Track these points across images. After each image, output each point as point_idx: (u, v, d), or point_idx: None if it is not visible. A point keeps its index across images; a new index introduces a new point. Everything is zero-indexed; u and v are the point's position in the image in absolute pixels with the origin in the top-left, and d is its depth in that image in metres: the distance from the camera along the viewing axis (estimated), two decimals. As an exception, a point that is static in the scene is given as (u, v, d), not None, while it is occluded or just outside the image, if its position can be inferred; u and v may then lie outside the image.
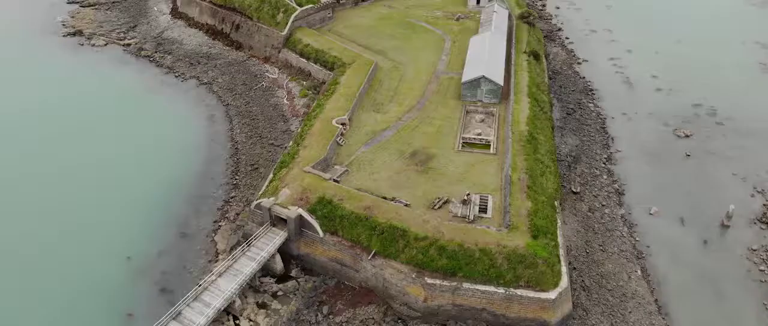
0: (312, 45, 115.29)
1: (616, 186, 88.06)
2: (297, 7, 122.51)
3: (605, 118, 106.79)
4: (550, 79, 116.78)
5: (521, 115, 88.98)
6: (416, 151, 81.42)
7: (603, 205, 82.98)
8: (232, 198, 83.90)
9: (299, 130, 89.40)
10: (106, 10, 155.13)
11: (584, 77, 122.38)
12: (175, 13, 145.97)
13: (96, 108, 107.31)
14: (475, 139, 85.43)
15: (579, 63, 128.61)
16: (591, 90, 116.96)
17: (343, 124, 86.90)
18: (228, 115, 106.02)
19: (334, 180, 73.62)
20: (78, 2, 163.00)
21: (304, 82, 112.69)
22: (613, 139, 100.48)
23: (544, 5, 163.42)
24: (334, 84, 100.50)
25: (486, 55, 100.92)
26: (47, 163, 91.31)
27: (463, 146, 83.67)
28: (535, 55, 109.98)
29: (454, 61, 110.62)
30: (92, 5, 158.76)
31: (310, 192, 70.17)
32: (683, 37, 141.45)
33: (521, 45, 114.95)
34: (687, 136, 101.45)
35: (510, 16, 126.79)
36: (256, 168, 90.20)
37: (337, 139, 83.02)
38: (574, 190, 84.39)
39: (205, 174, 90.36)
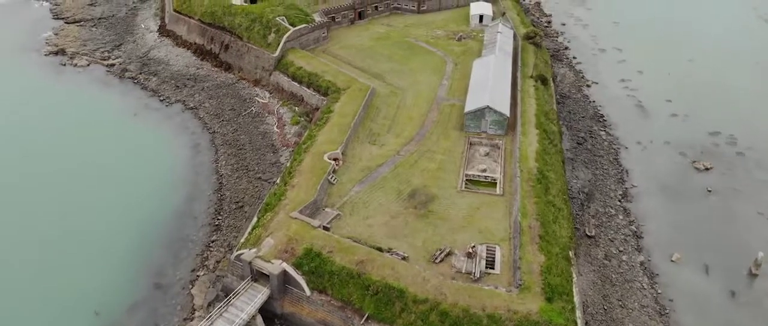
0: (305, 68, 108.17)
1: (633, 227, 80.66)
2: (289, 27, 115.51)
3: (618, 148, 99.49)
4: (558, 103, 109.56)
5: (529, 148, 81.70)
6: (415, 190, 74.02)
7: (620, 251, 75.54)
8: (213, 242, 76.52)
9: (288, 164, 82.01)
10: (92, 27, 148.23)
11: (594, 101, 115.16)
12: (163, 30, 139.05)
13: (72, 135, 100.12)
14: (479, 176, 78.13)
15: (588, 85, 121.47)
16: (602, 116, 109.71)
17: (335, 160, 79.58)
18: (213, 143, 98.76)
19: (324, 227, 66.25)
20: (64, 18, 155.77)
21: (297, 108, 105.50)
22: (627, 172, 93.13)
23: (549, 22, 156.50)
24: (327, 112, 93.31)
25: (490, 80, 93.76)
26: (11, 195, 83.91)
27: (466, 185, 76.27)
28: (543, 80, 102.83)
29: (456, 86, 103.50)
30: (78, 22, 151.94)
31: (296, 242, 62.75)
32: (695, 56, 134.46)
33: (528, 68, 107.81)
34: (707, 169, 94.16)
35: (515, 36, 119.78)
36: (241, 206, 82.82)
37: (329, 177, 75.66)
38: (589, 234, 76.96)
39: (186, 212, 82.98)
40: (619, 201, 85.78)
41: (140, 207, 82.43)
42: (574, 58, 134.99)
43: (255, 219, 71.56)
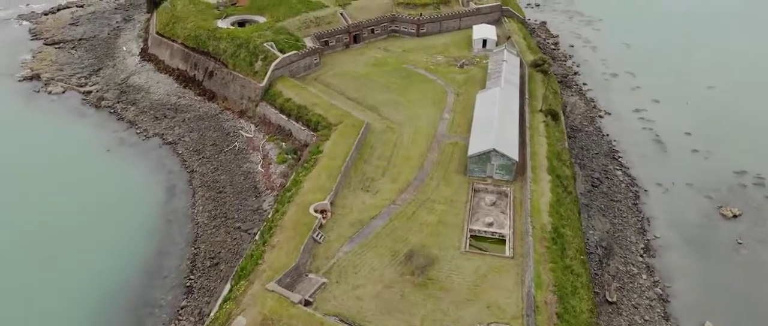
0: (294, 99, 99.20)
1: (658, 289, 71.36)
2: (278, 54, 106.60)
3: (637, 191, 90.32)
4: (569, 138, 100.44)
5: (542, 199, 72.45)
6: (413, 251, 64.64)
7: (646, 320, 66.38)
8: (183, 309, 67.35)
9: (269, 216, 72.61)
10: (71, 49, 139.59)
11: (608, 135, 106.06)
12: (145, 54, 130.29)
13: (34, 174, 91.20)
14: (486, 232, 68.71)
15: (601, 116, 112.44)
16: (617, 152, 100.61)
17: (322, 212, 70.28)
18: (191, 185, 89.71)
19: (306, 301, 56.87)
20: (43, 39, 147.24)
21: (284, 144, 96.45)
22: (648, 220, 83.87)
23: (556, 43, 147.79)
24: (315, 152, 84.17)
25: (496, 118, 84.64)
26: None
27: (471, 244, 66.89)
28: (553, 115, 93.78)
29: (458, 121, 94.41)
30: (57, 43, 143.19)
31: (272, 322, 53.15)
32: (714, 82, 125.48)
33: (536, 101, 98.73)
34: (735, 216, 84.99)
35: (522, 63, 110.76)
36: (217, 263, 73.62)
37: (314, 235, 66.32)
38: (610, 299, 67.68)
39: (155, 270, 73.93)
40: (642, 256, 76.47)
41: (104, 263, 73.44)
42: (585, 84, 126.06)
43: (228, 287, 62.20)
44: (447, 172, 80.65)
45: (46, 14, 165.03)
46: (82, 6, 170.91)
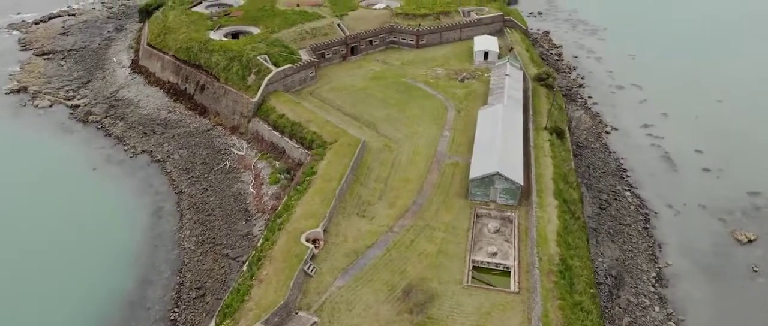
0: (288, 116, 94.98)
1: (672, 323, 66.97)
2: (272, 67, 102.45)
3: (647, 214, 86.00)
4: (574, 155, 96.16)
5: (548, 226, 68.13)
6: (411, 286, 60.41)
7: (661, 359, 61.44)
8: (164, 346, 62.46)
9: (258, 245, 68.17)
10: (61, 60, 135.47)
11: (615, 152, 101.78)
12: (136, 66, 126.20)
13: (17, 195, 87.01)
14: (489, 263, 64.34)
15: (607, 132, 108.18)
16: (625, 171, 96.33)
17: (315, 242, 65.95)
18: (179, 207, 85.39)
19: (296, 344, 52.29)
20: (32, 49, 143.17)
21: (277, 163, 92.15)
22: (660, 246, 79.58)
23: (559, 54, 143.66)
24: (309, 173, 79.87)
25: (499, 137, 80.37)
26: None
27: (473, 275, 62.59)
28: (559, 133, 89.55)
29: (459, 139, 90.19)
30: (46, 54, 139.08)
31: (258, 370, 48.75)
32: (723, 96, 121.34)
33: (540, 118, 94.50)
34: (750, 241, 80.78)
35: (525, 77, 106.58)
36: (203, 294, 69.37)
37: (305, 267, 61.95)
38: (622, 336, 62.97)
39: (138, 301, 69.75)
40: (653, 286, 72.23)
41: (83, 292, 69.50)
42: (590, 97, 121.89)
43: (212, 325, 57.66)
44: (447, 196, 76.35)
45: (36, 23, 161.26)
46: (74, 15, 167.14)
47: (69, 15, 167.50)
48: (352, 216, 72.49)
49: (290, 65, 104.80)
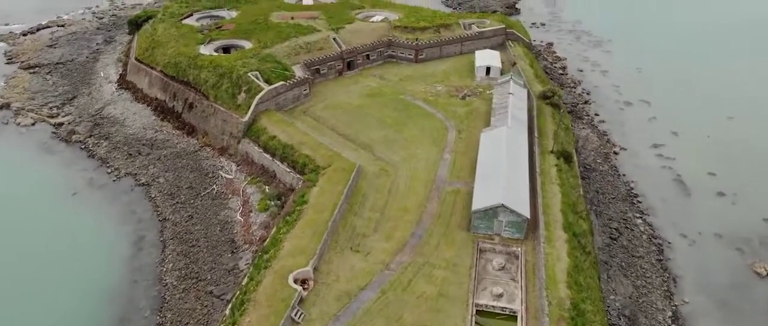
0: (279, 137, 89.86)
1: (692, 370, 61.23)
2: (263, 85, 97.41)
3: (661, 244, 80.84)
4: (582, 179, 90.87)
5: (558, 265, 62.97)
6: (408, 334, 54.79)
7: None
8: (138, 399, 57.07)
9: (243, 285, 62.82)
10: (46, 74, 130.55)
11: (624, 175, 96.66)
12: (123, 81, 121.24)
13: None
14: (494, 307, 59.02)
15: (616, 153, 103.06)
16: (636, 196, 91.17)
17: (303, 282, 60.62)
18: (162, 237, 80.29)
19: None
20: (18, 62, 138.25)
21: (267, 188, 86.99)
22: (675, 280, 74.50)
23: (564, 68, 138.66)
24: (300, 202, 74.68)
25: (503, 164, 75.20)
26: None
27: (477, 320, 57.37)
28: (566, 156, 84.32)
29: (460, 162, 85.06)
30: (32, 67, 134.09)
31: None
32: (735, 112, 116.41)
33: (546, 140, 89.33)
34: (771, 274, 75.23)
35: (529, 95, 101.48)
36: (183, 338, 63.56)
37: (293, 314, 56.66)
38: (639, 388, 57.53)
39: (113, 345, 63.71)
40: (671, 327, 66.58)
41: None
42: (596, 114, 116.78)
43: (189, 381, 52.28)
44: (448, 228, 71.12)
45: (24, 34, 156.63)
46: (63, 25, 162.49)
47: (58, 26, 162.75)
48: (345, 252, 67.26)
49: (283, 82, 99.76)
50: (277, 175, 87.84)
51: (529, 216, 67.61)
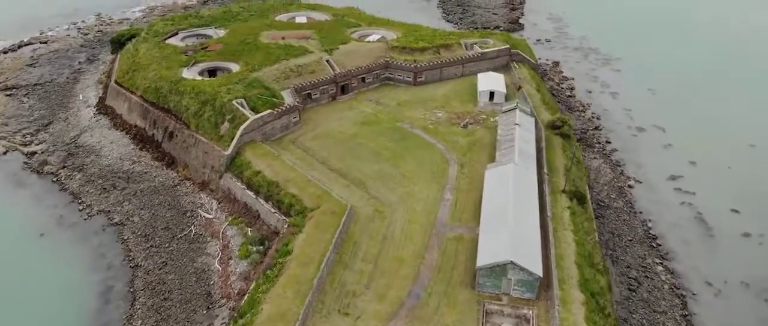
0: (264, 173, 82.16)
1: None
2: (249, 114, 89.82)
3: (684, 296, 73.13)
4: (596, 217, 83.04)
5: (574, 334, 54.55)
6: None
7: None
8: None
9: (216, 357, 54.73)
10: (24, 96, 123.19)
11: (641, 213, 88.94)
12: (102, 106, 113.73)
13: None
14: (501, 387, 50.86)
15: (631, 186, 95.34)
16: (655, 238, 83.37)
17: (284, 357, 52.38)
18: (132, 288, 72.54)
19: None
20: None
21: (250, 230, 79.30)
22: (703, 340, 65.92)
23: (572, 88, 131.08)
24: (283, 253, 66.98)
25: (511, 207, 67.61)
26: None
27: None
28: (579, 197, 76.35)
29: (463, 203, 77.38)
30: (9, 89, 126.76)
31: None
32: (757, 140, 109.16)
33: (557, 176, 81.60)
34: (809, 332, 67.01)
35: (537, 123, 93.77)
36: None
37: (270, 398, 48.31)
38: None
39: None
40: (702, 401, 58.40)
41: None
42: (608, 142, 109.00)
43: None
44: (450, 285, 63.34)
45: (5, 52, 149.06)
46: (45, 42, 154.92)
47: (41, 42, 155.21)
48: (332, 315, 59.45)
49: (270, 111, 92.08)
50: (261, 216, 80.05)
51: (541, 275, 59.61)
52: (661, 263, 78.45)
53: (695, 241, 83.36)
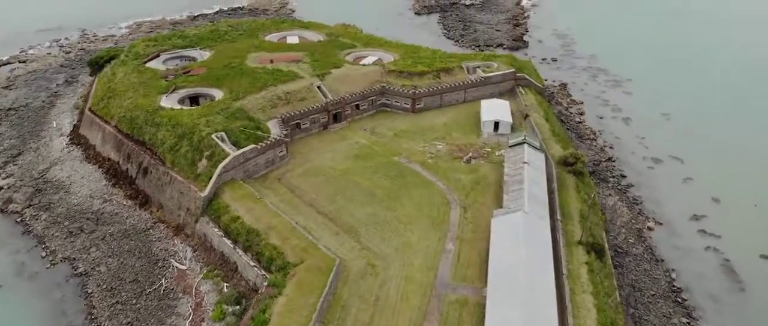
0: (244, 219, 73.61)
1: None
2: (229, 150, 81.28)
3: (718, 365, 63.47)
4: (614, 267, 74.20)
5: None
6: None
7: None
8: None
9: None
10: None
11: (663, 261, 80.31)
12: (75, 135, 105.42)
13: None
14: None
15: (650, 228, 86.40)
16: (679, 292, 74.74)
17: None
18: (91, 356, 63.00)
19: None
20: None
21: (226, 285, 70.92)
22: None
23: (581, 113, 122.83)
24: (259, 321, 57.99)
25: (522, 267, 59.03)
26: None
27: None
28: (598, 250, 67.48)
29: (467, 256, 68.81)
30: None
31: None
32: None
33: (571, 223, 73.00)
34: None
35: (547, 158, 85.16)
36: None
37: None
38: None
39: None
40: None
41: None
42: (623, 175, 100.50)
43: None
44: (451, 363, 54.10)
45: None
46: (24, 62, 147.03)
47: (19, 62, 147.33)
48: None
49: (253, 146, 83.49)
50: (239, 268, 71.55)
51: (558, 356, 50.75)
52: (688, 323, 69.44)
53: (724, 295, 74.72)
